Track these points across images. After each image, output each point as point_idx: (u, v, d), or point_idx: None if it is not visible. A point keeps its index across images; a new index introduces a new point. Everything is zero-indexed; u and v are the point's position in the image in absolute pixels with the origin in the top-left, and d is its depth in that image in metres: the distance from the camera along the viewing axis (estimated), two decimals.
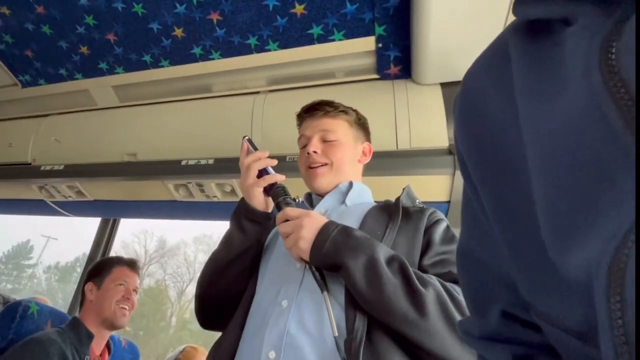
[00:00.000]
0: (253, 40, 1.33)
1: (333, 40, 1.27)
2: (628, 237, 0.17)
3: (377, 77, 1.36)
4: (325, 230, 0.68)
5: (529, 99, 0.26)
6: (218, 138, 1.45)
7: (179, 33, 1.36)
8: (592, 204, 0.20)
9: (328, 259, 0.65)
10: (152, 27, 1.36)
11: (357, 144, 0.95)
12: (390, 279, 0.61)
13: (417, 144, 1.23)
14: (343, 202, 0.87)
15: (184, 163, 1.43)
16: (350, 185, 0.89)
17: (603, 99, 0.19)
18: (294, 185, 0.95)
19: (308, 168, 0.90)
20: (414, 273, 0.63)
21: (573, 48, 0.23)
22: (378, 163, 1.16)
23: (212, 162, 1.41)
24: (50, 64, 1.60)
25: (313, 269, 0.67)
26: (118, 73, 1.56)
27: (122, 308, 1.32)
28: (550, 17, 0.25)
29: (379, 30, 1.22)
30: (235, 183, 1.41)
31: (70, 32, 1.44)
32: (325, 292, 0.64)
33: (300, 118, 0.98)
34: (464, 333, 0.35)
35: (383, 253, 0.65)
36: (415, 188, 0.91)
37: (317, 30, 1.26)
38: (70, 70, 1.60)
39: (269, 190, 0.80)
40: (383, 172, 1.18)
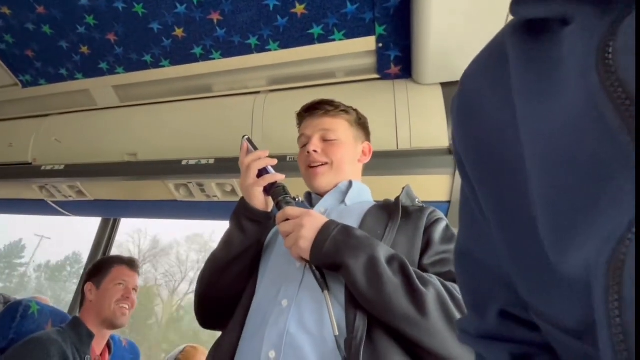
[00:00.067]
0: (253, 40, 1.33)
1: (333, 40, 1.27)
2: (626, 235, 0.17)
3: (377, 77, 1.35)
4: (326, 230, 0.68)
5: (527, 99, 0.26)
6: (218, 138, 1.45)
7: (180, 33, 1.36)
8: (590, 203, 0.20)
9: (328, 259, 0.65)
10: (152, 27, 1.36)
11: (357, 144, 0.95)
12: (391, 278, 0.61)
13: (417, 144, 1.23)
14: (343, 201, 0.87)
15: (185, 163, 1.43)
16: (350, 185, 0.89)
17: (600, 99, 0.19)
18: (295, 185, 0.95)
19: (308, 167, 0.90)
20: (415, 272, 0.63)
21: (570, 48, 0.23)
22: (378, 163, 1.16)
23: (212, 162, 1.41)
24: (51, 64, 1.60)
25: (313, 268, 0.67)
26: (118, 73, 1.56)
27: (122, 307, 1.32)
28: (548, 16, 0.25)
29: (380, 30, 1.22)
30: (236, 183, 1.41)
31: (71, 32, 1.44)
32: (326, 291, 0.64)
33: (301, 117, 0.98)
34: (462, 332, 0.35)
35: (383, 252, 0.65)
36: (416, 188, 0.91)
37: (317, 30, 1.26)
38: (71, 70, 1.60)
39: (269, 190, 0.80)
40: (383, 171, 1.18)
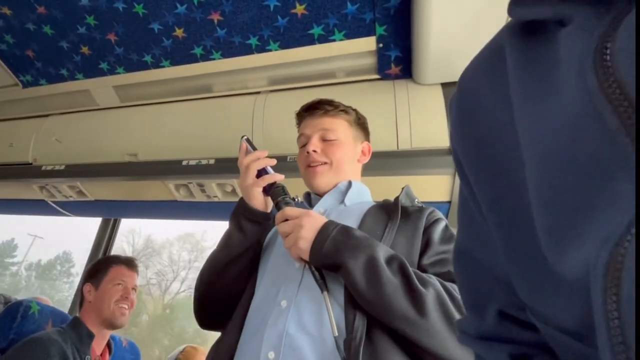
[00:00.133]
0: (254, 41, 1.33)
1: (334, 41, 1.27)
2: (625, 236, 0.17)
3: (377, 77, 1.35)
4: (325, 230, 0.68)
5: (525, 100, 0.26)
6: (219, 138, 1.45)
7: (180, 33, 1.36)
8: (589, 204, 0.20)
9: (328, 259, 0.65)
10: (152, 27, 1.36)
11: (356, 144, 0.95)
12: (390, 279, 0.61)
13: (417, 144, 1.23)
14: (342, 201, 0.87)
15: (185, 163, 1.44)
16: (349, 185, 0.89)
17: (598, 100, 0.19)
18: (295, 186, 0.94)
19: (307, 167, 0.90)
20: (414, 273, 0.63)
21: (568, 49, 0.23)
22: (379, 163, 1.16)
23: (212, 162, 1.41)
24: (51, 64, 1.60)
25: (312, 269, 0.67)
26: (119, 73, 1.56)
27: (121, 307, 1.32)
28: (546, 18, 0.25)
29: (380, 30, 1.22)
30: (236, 183, 1.41)
31: (71, 32, 1.45)
32: (325, 292, 0.64)
33: (300, 117, 0.98)
34: (461, 332, 0.35)
35: (383, 253, 0.65)
36: (416, 188, 0.91)
37: (317, 31, 1.26)
38: (71, 71, 1.60)
39: (268, 190, 0.80)
40: (384, 172, 1.18)
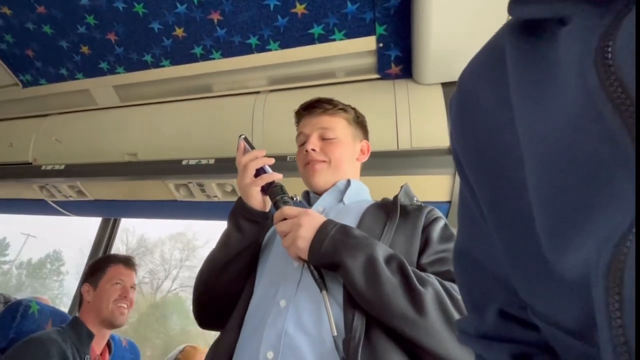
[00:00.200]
0: (254, 40, 1.33)
1: (334, 40, 1.27)
2: (627, 236, 0.17)
3: (378, 77, 1.35)
4: (324, 229, 0.67)
5: (525, 99, 0.26)
6: (219, 138, 1.45)
7: (180, 33, 1.36)
8: (589, 204, 0.20)
9: (326, 258, 0.65)
10: (152, 26, 1.36)
11: (355, 142, 0.94)
12: (389, 278, 0.61)
13: (418, 144, 1.22)
14: (341, 200, 0.87)
15: (185, 163, 1.43)
16: (348, 183, 0.88)
17: (599, 99, 0.19)
18: (296, 185, 0.94)
19: (306, 165, 0.89)
20: (413, 272, 0.63)
21: (568, 48, 0.22)
22: (379, 163, 1.16)
23: (212, 162, 1.41)
24: (51, 64, 1.60)
25: (311, 268, 0.66)
26: (119, 73, 1.56)
27: (120, 307, 1.32)
28: (546, 16, 0.25)
29: (380, 30, 1.22)
30: (236, 183, 1.41)
31: (71, 31, 1.45)
32: (324, 291, 0.63)
33: (299, 115, 0.97)
34: (462, 332, 0.35)
35: (382, 252, 0.65)
36: (416, 188, 0.90)
37: (317, 30, 1.26)
38: (71, 70, 1.60)
39: (267, 189, 0.79)
40: (384, 172, 1.18)
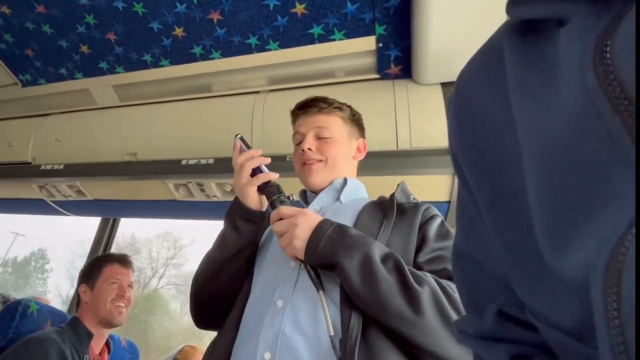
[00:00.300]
0: (253, 40, 1.33)
1: (333, 40, 1.27)
2: (626, 236, 0.17)
3: (377, 76, 1.35)
4: (320, 229, 0.67)
5: (524, 99, 0.26)
6: (218, 138, 1.45)
7: (180, 32, 1.36)
8: (588, 203, 0.20)
9: (323, 258, 0.65)
10: (152, 26, 1.36)
11: (351, 140, 0.94)
12: (386, 277, 0.60)
13: (417, 144, 1.22)
14: (338, 198, 0.87)
15: (184, 163, 1.43)
16: (345, 182, 0.88)
17: (598, 98, 0.19)
18: (296, 185, 0.94)
19: (303, 165, 0.89)
20: (409, 271, 0.62)
21: (567, 48, 0.22)
22: (378, 163, 1.16)
23: (212, 161, 1.41)
24: (51, 63, 1.60)
25: (308, 268, 0.66)
26: (118, 72, 1.56)
27: (118, 306, 1.32)
28: (545, 17, 0.25)
29: (380, 30, 1.22)
30: None
31: (71, 31, 1.44)
32: (321, 291, 0.63)
33: (295, 115, 0.97)
34: (460, 332, 0.35)
35: (378, 251, 0.64)
36: (416, 188, 0.90)
37: (317, 30, 1.26)
38: (71, 70, 1.60)
39: (263, 189, 0.79)
40: (383, 171, 1.18)
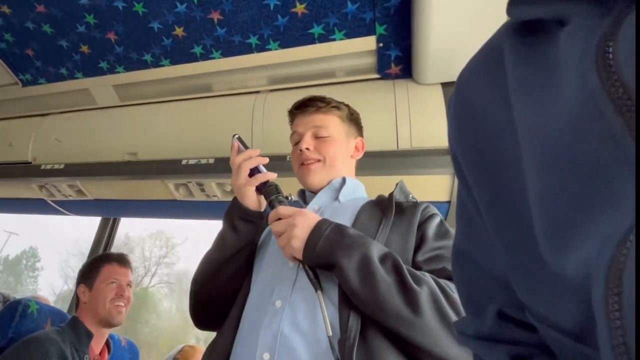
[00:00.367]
0: (254, 40, 1.33)
1: (334, 40, 1.27)
2: (627, 237, 0.17)
3: (377, 76, 1.35)
4: (318, 229, 0.67)
5: (524, 99, 0.26)
6: (218, 137, 1.44)
7: (180, 32, 1.36)
8: (590, 204, 0.19)
9: (321, 258, 0.64)
10: (152, 26, 1.36)
11: (349, 140, 0.94)
12: (384, 277, 0.60)
13: (418, 144, 1.22)
14: (336, 198, 0.86)
15: (184, 162, 1.43)
16: (344, 181, 0.88)
17: (600, 99, 0.19)
18: (295, 185, 0.94)
19: (301, 165, 0.89)
20: (408, 271, 0.62)
21: (568, 48, 0.22)
22: (379, 163, 1.16)
23: (212, 161, 1.40)
24: (51, 63, 1.60)
25: (306, 268, 0.66)
26: (118, 72, 1.56)
27: (117, 306, 1.31)
28: (545, 17, 0.25)
29: (380, 30, 1.21)
30: None
31: (71, 31, 1.44)
32: (319, 291, 0.63)
33: (292, 114, 0.97)
34: (460, 333, 0.35)
35: (377, 251, 0.64)
36: (416, 188, 0.90)
37: (318, 30, 1.25)
38: (71, 70, 1.60)
39: (261, 189, 0.79)
40: (384, 171, 1.17)
